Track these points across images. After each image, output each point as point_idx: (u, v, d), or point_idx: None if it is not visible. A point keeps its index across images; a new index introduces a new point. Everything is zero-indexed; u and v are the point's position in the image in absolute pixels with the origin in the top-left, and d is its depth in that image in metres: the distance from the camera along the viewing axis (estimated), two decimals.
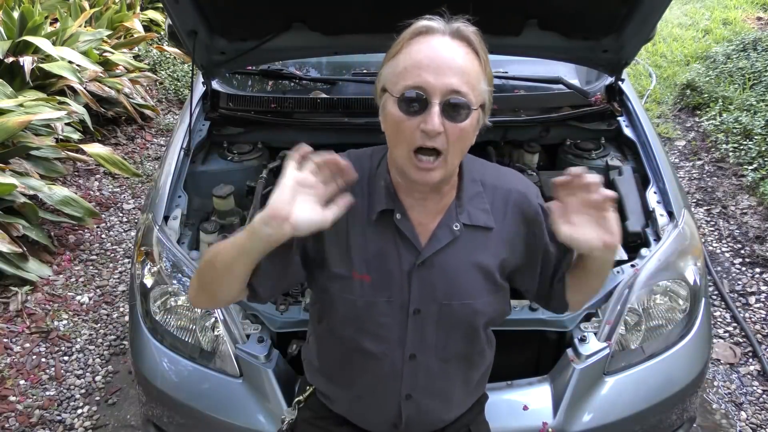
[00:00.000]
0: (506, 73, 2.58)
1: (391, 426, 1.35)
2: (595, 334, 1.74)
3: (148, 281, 1.85)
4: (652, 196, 2.11)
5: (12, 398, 2.53)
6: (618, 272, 1.86)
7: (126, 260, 3.40)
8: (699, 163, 4.39)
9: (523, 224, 1.26)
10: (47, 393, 2.58)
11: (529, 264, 1.30)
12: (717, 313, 2.99)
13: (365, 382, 1.32)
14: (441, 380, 1.31)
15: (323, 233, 1.18)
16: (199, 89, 2.47)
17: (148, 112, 4.90)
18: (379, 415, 1.35)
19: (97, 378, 2.66)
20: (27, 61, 3.83)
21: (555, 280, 1.32)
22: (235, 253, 1.12)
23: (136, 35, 5.31)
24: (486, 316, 1.28)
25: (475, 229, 1.23)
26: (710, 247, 3.49)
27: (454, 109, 1.07)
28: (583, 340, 1.73)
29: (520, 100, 2.49)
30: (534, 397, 1.70)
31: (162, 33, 5.62)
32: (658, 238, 1.96)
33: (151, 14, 5.90)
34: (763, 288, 3.16)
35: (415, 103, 1.07)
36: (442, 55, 1.07)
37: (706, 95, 5.04)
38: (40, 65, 3.99)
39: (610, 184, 2.27)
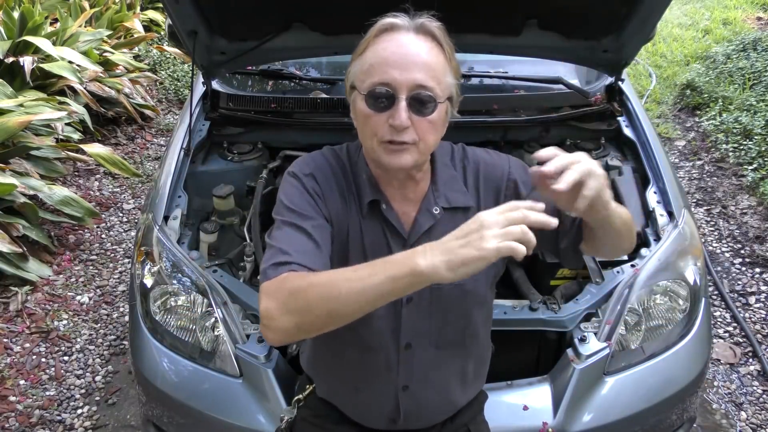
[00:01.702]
0: (506, 73, 2.58)
1: (389, 420, 1.35)
2: (595, 334, 1.74)
3: (148, 281, 1.84)
4: (652, 196, 2.11)
5: (12, 398, 2.53)
6: (618, 272, 1.87)
7: (126, 260, 3.40)
8: (699, 163, 4.39)
9: (496, 193, 1.27)
10: (47, 393, 2.58)
11: None
12: (717, 313, 2.99)
13: (362, 375, 1.33)
14: (437, 370, 1.32)
15: (333, 231, 1.22)
16: (199, 89, 2.47)
17: (148, 112, 4.90)
18: (377, 409, 1.35)
19: (97, 378, 2.66)
20: (27, 61, 3.83)
21: (560, 244, 1.26)
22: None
23: (136, 35, 5.31)
24: (477, 295, 1.29)
25: (454, 211, 1.25)
26: (710, 247, 3.49)
27: (420, 103, 1.10)
28: (583, 340, 1.73)
29: (520, 100, 2.49)
30: (534, 397, 1.69)
31: (162, 33, 5.63)
32: (658, 238, 1.96)
33: (151, 14, 5.90)
34: (763, 288, 3.16)
35: (383, 99, 1.10)
36: (407, 51, 1.10)
37: (706, 95, 5.05)
38: (40, 65, 3.99)
39: (610, 184, 2.27)
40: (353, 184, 1.25)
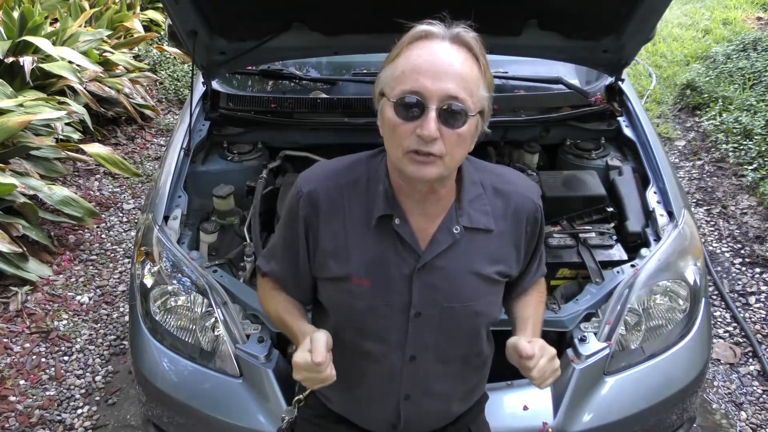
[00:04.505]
0: (506, 73, 2.58)
1: (389, 426, 1.35)
2: (595, 334, 1.74)
3: (148, 281, 1.84)
4: (652, 196, 2.11)
5: (12, 398, 2.53)
6: (618, 272, 1.87)
7: (126, 260, 3.40)
8: (699, 163, 4.39)
9: (523, 226, 1.26)
10: (47, 393, 2.58)
11: (521, 265, 1.33)
12: (717, 313, 2.99)
13: (364, 383, 1.32)
14: (440, 381, 1.31)
15: (320, 240, 1.21)
16: (199, 89, 2.47)
17: (148, 112, 4.90)
18: (377, 415, 1.35)
19: (97, 378, 2.66)
20: (27, 61, 3.83)
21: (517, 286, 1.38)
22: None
23: (136, 35, 5.30)
24: (488, 317, 1.28)
25: (475, 232, 1.22)
26: (710, 247, 3.49)
27: (451, 115, 1.05)
28: (583, 340, 1.73)
29: (520, 100, 2.49)
30: (534, 397, 1.69)
31: (162, 33, 5.62)
32: (658, 238, 1.96)
33: (151, 14, 5.90)
34: (763, 288, 3.16)
35: (413, 108, 1.05)
36: (440, 61, 1.05)
37: (706, 95, 5.04)
38: (40, 65, 3.99)
39: (610, 184, 2.27)
40: (366, 196, 1.20)
